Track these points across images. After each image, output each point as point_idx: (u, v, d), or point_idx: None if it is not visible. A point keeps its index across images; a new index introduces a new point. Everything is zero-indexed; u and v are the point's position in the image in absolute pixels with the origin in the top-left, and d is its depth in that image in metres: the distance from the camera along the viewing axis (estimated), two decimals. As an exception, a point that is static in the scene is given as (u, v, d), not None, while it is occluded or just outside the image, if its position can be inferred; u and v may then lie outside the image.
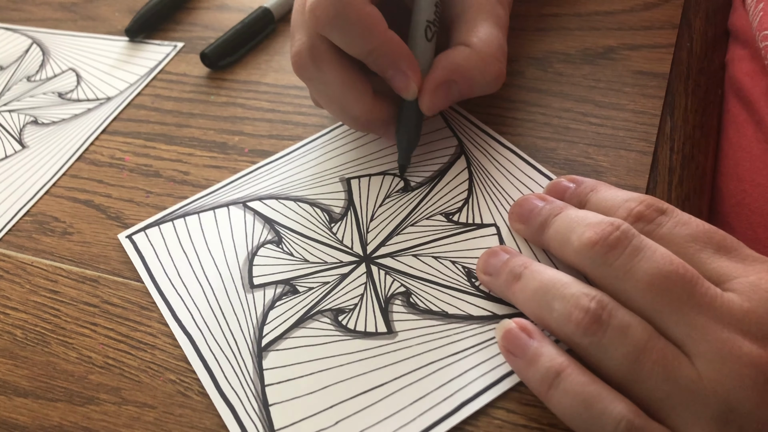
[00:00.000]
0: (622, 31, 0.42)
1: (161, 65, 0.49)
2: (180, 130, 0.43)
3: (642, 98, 0.38)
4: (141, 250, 0.36)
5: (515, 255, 0.31)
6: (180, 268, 0.35)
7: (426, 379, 0.29)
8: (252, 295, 0.33)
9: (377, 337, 0.31)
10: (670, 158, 0.35)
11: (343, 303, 0.32)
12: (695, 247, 0.27)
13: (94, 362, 0.32)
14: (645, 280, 0.26)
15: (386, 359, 0.30)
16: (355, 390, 0.29)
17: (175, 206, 0.38)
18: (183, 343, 0.32)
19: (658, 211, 0.29)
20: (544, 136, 0.37)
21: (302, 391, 0.29)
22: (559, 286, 0.27)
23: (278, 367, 0.30)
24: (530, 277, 0.29)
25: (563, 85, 0.40)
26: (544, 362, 0.26)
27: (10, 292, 0.36)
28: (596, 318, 0.26)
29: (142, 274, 0.35)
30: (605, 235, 0.27)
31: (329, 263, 0.34)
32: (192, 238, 0.36)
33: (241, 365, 0.31)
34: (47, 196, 0.41)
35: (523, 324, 0.28)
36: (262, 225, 0.36)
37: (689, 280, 0.26)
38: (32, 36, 0.54)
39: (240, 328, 0.32)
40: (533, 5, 0.45)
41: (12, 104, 0.48)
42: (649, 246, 0.27)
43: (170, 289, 0.34)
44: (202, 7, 0.53)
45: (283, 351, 0.31)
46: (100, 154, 0.43)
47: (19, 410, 0.31)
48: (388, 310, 0.32)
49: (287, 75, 0.45)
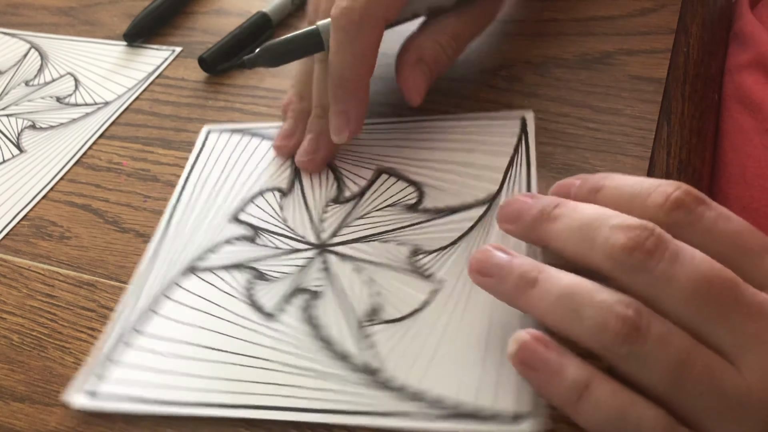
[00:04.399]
0: (619, 36, 0.42)
1: (159, 70, 0.49)
2: (178, 134, 0.43)
3: (639, 103, 0.38)
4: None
5: (517, 256, 0.28)
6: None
7: None
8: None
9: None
10: (667, 163, 0.36)
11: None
12: (742, 245, 0.26)
13: (90, 367, 0.32)
14: (689, 287, 0.24)
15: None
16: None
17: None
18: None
19: (698, 200, 0.26)
20: (542, 140, 0.37)
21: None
22: (586, 293, 0.25)
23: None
24: (550, 282, 0.26)
25: (561, 90, 0.40)
26: (569, 374, 0.25)
27: (7, 297, 0.36)
28: (635, 326, 0.24)
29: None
30: (641, 240, 0.25)
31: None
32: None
33: None
34: (45, 201, 0.41)
35: (537, 335, 0.26)
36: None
37: (734, 286, 0.24)
38: (30, 40, 0.54)
39: None
40: (531, 10, 0.45)
41: (10, 108, 0.48)
42: (687, 250, 0.25)
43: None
44: (200, 11, 0.53)
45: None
46: (98, 158, 0.43)
47: (16, 415, 0.31)
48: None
49: (285, 80, 0.45)
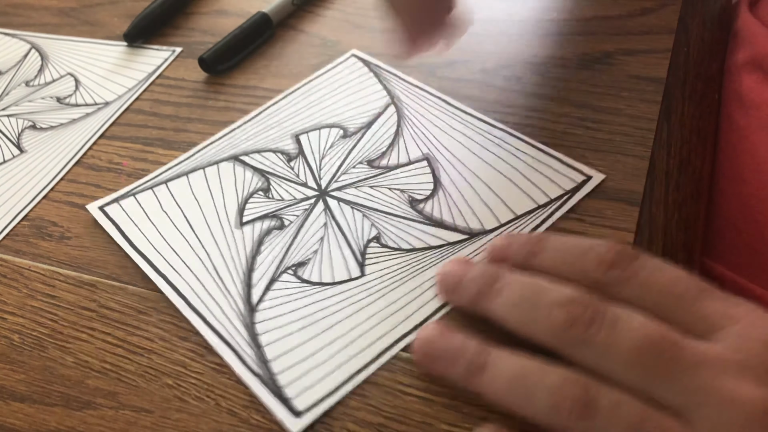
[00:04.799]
0: (619, 36, 0.42)
1: (159, 70, 0.49)
2: (178, 134, 0.43)
3: (639, 103, 0.38)
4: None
5: (463, 339, 0.28)
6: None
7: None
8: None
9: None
10: (667, 163, 0.36)
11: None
12: (676, 294, 0.27)
13: (91, 367, 0.32)
14: (630, 351, 0.25)
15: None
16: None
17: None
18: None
19: (631, 257, 0.28)
20: (542, 140, 0.37)
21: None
22: (535, 375, 0.26)
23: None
24: (499, 366, 0.27)
25: (561, 90, 0.40)
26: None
27: (7, 297, 0.36)
28: (585, 403, 0.25)
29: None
30: (578, 314, 0.26)
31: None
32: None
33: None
34: (45, 201, 0.41)
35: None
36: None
37: (675, 342, 0.25)
38: (31, 41, 0.54)
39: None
40: (531, 10, 0.45)
41: (10, 109, 0.48)
42: (625, 314, 0.26)
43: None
44: (200, 12, 0.53)
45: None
46: (99, 158, 0.43)
47: (16, 415, 0.31)
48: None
49: (285, 80, 0.45)
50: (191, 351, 0.32)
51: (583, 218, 0.34)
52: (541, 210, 0.34)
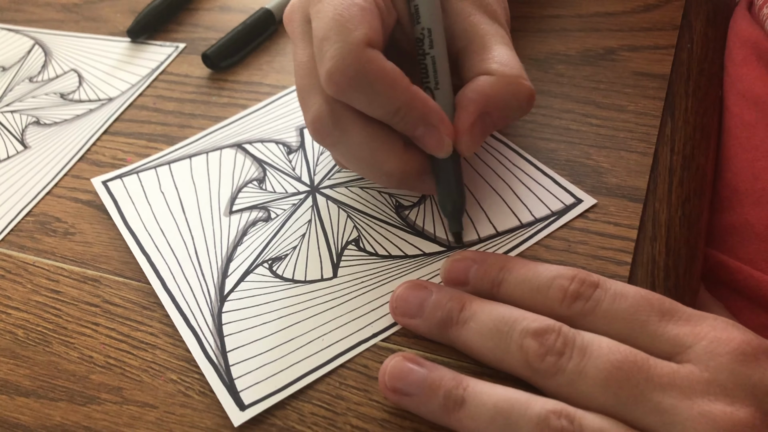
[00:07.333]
0: (622, 32, 0.42)
1: (163, 66, 0.49)
2: (182, 130, 0.43)
3: (643, 99, 0.38)
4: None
5: (434, 368, 0.28)
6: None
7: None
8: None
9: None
10: (670, 159, 0.35)
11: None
12: (640, 320, 0.27)
13: (95, 362, 0.32)
14: (601, 377, 0.25)
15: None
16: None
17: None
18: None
19: (593, 285, 0.28)
20: (545, 137, 0.37)
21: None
22: (518, 410, 0.25)
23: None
24: (478, 401, 0.26)
25: (564, 87, 0.40)
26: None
27: (12, 292, 0.36)
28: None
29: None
30: (550, 344, 0.26)
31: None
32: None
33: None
34: (49, 197, 0.41)
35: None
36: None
37: (643, 365, 0.25)
38: (34, 37, 0.54)
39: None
40: (534, 7, 0.45)
41: (14, 105, 0.48)
42: (594, 340, 0.26)
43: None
44: (203, 8, 0.53)
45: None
46: (102, 154, 0.43)
47: (21, 410, 0.31)
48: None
49: (288, 76, 0.45)
50: (195, 346, 0.32)
51: (586, 215, 0.34)
52: (524, 230, 0.33)
